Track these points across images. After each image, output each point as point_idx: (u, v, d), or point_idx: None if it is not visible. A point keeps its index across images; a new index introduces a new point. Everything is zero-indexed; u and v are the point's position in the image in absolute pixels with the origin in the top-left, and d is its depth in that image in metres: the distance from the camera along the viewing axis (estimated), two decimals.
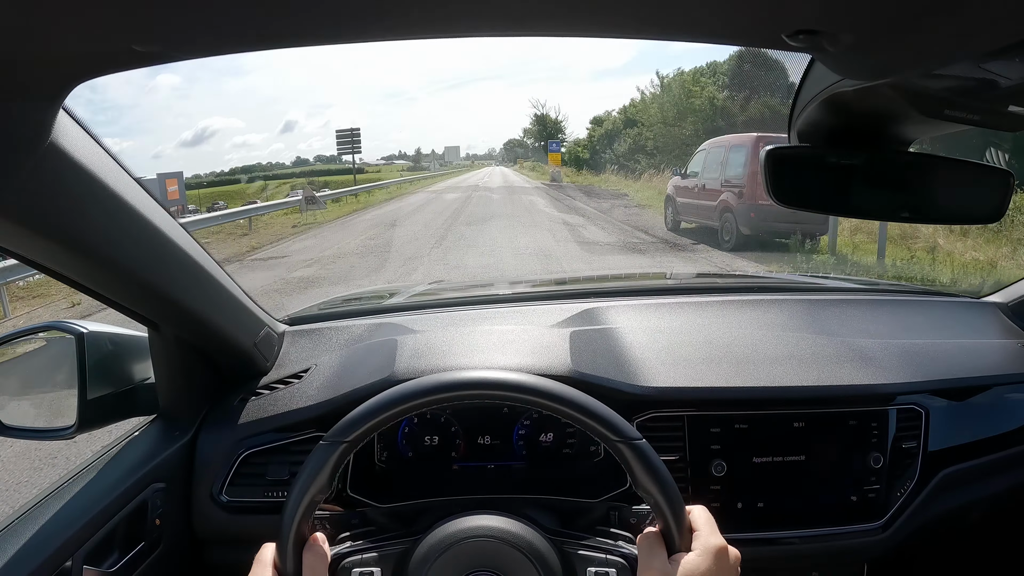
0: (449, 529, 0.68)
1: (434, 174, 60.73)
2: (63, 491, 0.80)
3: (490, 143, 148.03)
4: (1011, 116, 0.61)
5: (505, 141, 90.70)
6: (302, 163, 76.38)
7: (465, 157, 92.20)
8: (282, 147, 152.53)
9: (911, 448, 0.96)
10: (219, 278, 0.89)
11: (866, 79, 0.52)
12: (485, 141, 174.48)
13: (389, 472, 0.99)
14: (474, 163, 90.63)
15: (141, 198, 0.69)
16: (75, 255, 0.64)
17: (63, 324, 0.92)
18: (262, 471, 0.93)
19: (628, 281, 1.70)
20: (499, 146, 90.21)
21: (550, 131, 48.89)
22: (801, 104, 0.65)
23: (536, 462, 1.00)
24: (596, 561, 0.66)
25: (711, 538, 0.61)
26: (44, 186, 0.54)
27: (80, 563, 0.74)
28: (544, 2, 0.38)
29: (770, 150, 0.66)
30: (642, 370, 0.96)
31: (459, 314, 1.23)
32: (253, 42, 0.42)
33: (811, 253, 7.90)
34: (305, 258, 9.14)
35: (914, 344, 1.08)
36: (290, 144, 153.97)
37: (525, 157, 63.66)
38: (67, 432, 0.89)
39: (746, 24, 0.42)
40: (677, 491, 0.63)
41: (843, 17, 0.40)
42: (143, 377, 0.98)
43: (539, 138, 51.14)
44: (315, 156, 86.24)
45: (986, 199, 0.75)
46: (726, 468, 0.92)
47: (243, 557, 0.93)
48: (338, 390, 0.95)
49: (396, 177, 45.84)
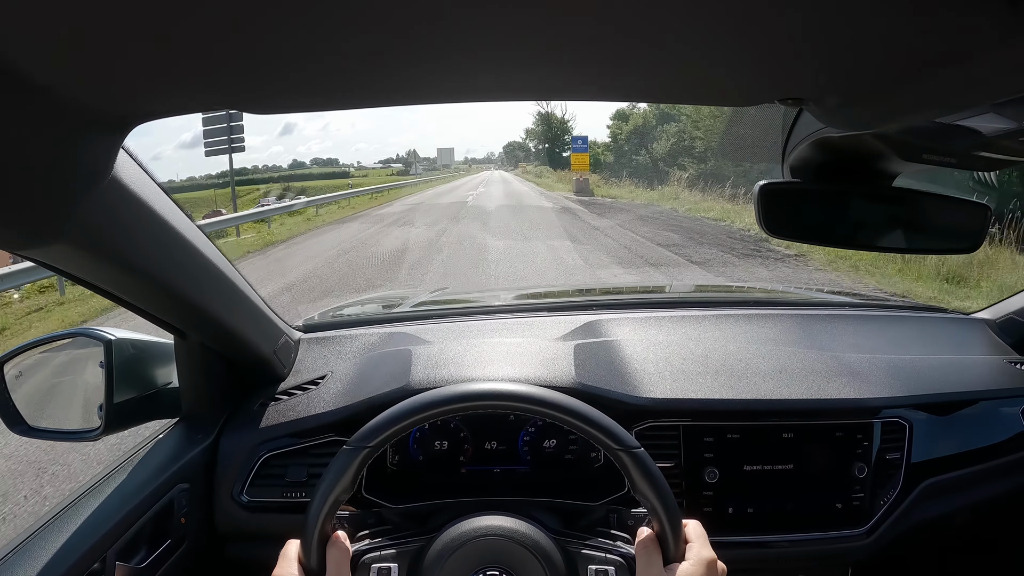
0: (461, 528, 0.72)
1: (421, 179, 48.92)
2: (96, 491, 0.84)
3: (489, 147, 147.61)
4: (984, 159, 0.66)
5: (504, 144, 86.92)
6: (298, 166, 72.79)
7: (463, 161, 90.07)
8: (281, 150, 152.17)
9: (895, 459, 1.01)
10: (244, 290, 0.94)
11: (850, 130, 0.57)
12: (484, 145, 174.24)
13: (401, 475, 1.04)
14: (471, 167, 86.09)
15: (183, 222, 0.74)
16: (124, 275, 0.69)
17: (92, 331, 0.96)
18: (281, 473, 0.98)
19: (630, 294, 1.75)
20: (498, 150, 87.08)
21: (556, 131, 43.14)
22: (793, 143, 0.71)
23: (540, 467, 1.04)
24: (596, 560, 0.71)
25: (703, 551, 0.67)
26: (103, 217, 0.59)
27: (113, 560, 0.78)
28: (554, 75, 0.43)
29: (762, 185, 0.71)
30: (642, 382, 1.01)
31: (468, 325, 1.27)
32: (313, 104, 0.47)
33: None
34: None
35: (901, 359, 1.13)
36: (289, 147, 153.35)
37: (527, 160, 56.87)
38: (93, 434, 0.93)
39: (737, 91, 0.47)
40: (672, 497, 0.68)
41: (827, 86, 0.45)
42: (166, 381, 1.02)
43: (543, 139, 45.03)
44: (312, 159, 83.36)
45: (965, 230, 0.81)
46: (718, 475, 0.98)
47: (262, 553, 0.98)
48: (355, 397, 1.00)
49: (386, 181, 38.37)
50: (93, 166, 0.54)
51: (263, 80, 0.42)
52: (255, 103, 0.46)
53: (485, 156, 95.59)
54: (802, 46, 0.37)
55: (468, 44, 0.37)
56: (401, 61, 0.40)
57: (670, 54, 0.39)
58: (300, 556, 0.68)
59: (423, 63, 0.40)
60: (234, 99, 0.45)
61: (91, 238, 0.60)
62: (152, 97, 0.45)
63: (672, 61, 0.40)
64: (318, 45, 0.36)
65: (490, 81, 0.43)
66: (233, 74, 0.40)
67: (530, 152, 53.84)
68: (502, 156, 79.92)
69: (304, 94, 0.45)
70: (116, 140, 0.54)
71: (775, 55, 0.39)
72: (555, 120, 43.26)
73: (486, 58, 0.39)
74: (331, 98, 0.46)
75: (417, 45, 0.37)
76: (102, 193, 0.57)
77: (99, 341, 0.95)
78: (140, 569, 0.83)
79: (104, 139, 0.52)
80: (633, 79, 0.43)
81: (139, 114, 0.49)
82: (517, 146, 67.26)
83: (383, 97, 0.46)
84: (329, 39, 0.35)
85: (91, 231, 0.59)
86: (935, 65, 0.38)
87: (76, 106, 0.44)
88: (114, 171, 0.57)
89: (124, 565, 0.80)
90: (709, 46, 0.37)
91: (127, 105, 0.47)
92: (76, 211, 0.55)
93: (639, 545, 0.68)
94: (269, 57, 0.38)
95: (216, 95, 0.44)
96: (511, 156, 72.41)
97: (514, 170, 61.64)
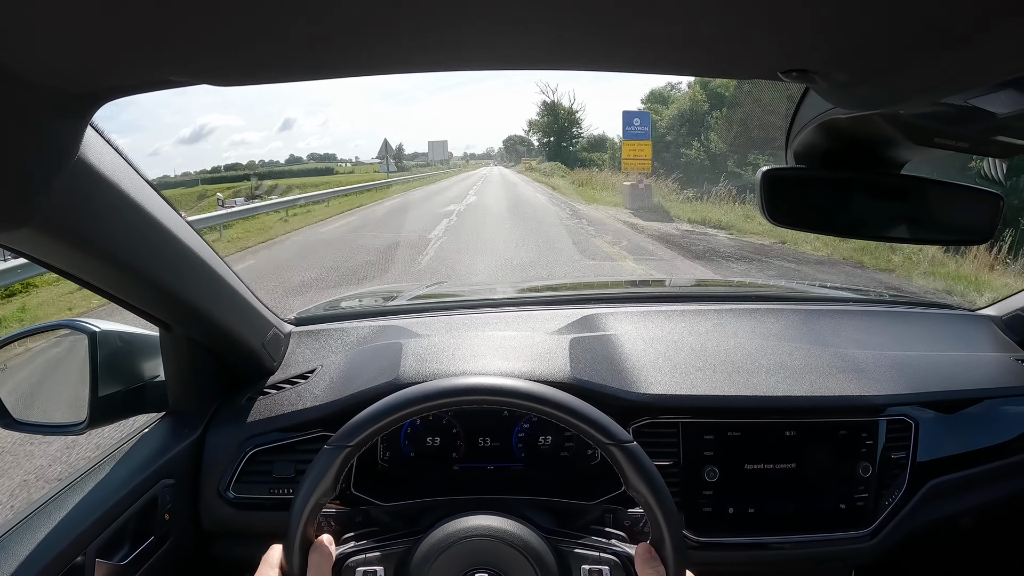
0: (449, 529, 0.70)
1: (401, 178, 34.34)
2: (77, 486, 0.82)
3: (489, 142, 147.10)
4: (999, 144, 0.63)
5: (505, 138, 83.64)
6: (295, 161, 69.63)
7: (461, 156, 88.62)
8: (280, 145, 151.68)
9: (900, 458, 0.98)
10: (230, 281, 0.91)
11: (858, 110, 0.54)
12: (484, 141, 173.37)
13: (391, 472, 1.01)
14: (468, 162, 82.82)
15: (160, 207, 0.71)
16: (99, 262, 0.67)
17: (76, 323, 0.94)
18: (268, 469, 0.96)
19: (628, 288, 1.72)
20: (498, 145, 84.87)
21: (563, 123, 36.89)
22: (797, 127, 0.68)
23: (534, 464, 1.02)
24: (590, 559, 0.68)
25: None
26: (74, 200, 0.57)
27: (93, 556, 0.76)
28: (552, 41, 0.40)
29: (766, 171, 0.69)
30: (639, 377, 0.99)
31: (461, 318, 1.25)
32: (284, 75, 0.44)
33: None
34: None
35: (906, 356, 1.10)
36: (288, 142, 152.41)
37: (530, 155, 50.61)
38: (78, 428, 0.92)
39: (742, 61, 0.44)
40: (668, 493, 0.65)
41: (833, 58, 0.42)
42: (153, 375, 1.00)
43: (548, 132, 38.23)
44: (308, 154, 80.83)
45: (977, 220, 0.78)
46: (718, 474, 0.95)
47: (248, 551, 0.96)
48: (344, 391, 0.98)
49: (374, 179, 30.81)
50: (60, 147, 0.51)
51: (231, 49, 0.39)
52: (224, 74, 0.44)
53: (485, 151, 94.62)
54: (809, 10, 0.34)
55: (456, 6, 0.34)
56: (381, 28, 0.37)
57: (668, 19, 0.36)
58: (282, 562, 0.66)
59: (405, 31, 0.37)
60: (200, 70, 0.42)
61: (61, 222, 0.57)
62: (113, 71, 0.42)
63: (670, 27, 0.37)
64: (286, 8, 0.34)
65: (478, 47, 0.41)
66: (193, 39, 0.37)
67: (532, 147, 48.19)
68: (502, 152, 77.41)
69: (275, 63, 0.42)
70: (83, 119, 0.51)
71: (780, 20, 0.36)
72: (562, 111, 36.34)
73: (474, 23, 0.37)
74: (303, 66, 0.44)
75: (400, 8, 0.34)
76: (71, 175, 0.55)
77: (84, 333, 0.93)
78: (122, 566, 0.81)
79: (70, 118, 0.50)
80: (628, 47, 0.40)
81: (103, 90, 0.46)
82: (518, 140, 63.06)
83: (360, 66, 0.43)
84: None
85: (61, 215, 0.56)
86: (954, 37, 0.35)
87: (37, 84, 0.42)
88: (84, 152, 0.55)
89: (105, 562, 0.78)
90: (710, 10, 0.34)
91: (88, 81, 0.44)
92: (44, 194, 0.52)
93: (639, 562, 0.66)
94: (235, 23, 0.35)
95: (180, 67, 0.41)
96: (512, 151, 69.37)
97: (515, 166, 51.44)
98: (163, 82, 0.44)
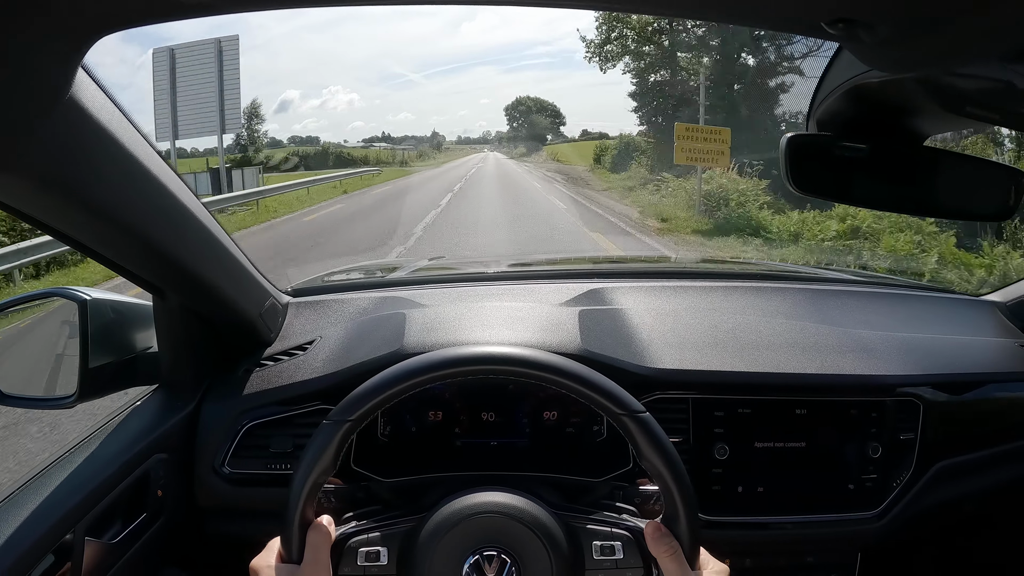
0: (456, 506, 0.68)
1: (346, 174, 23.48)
2: (65, 462, 0.79)
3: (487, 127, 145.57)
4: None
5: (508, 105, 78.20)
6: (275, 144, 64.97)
7: (457, 140, 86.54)
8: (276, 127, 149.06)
9: (909, 439, 0.98)
10: (227, 245, 0.88)
11: (894, 72, 0.52)
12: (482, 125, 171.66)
13: (392, 446, 0.99)
14: (461, 147, 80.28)
15: (155, 161, 0.67)
16: (88, 216, 0.63)
17: (66, 291, 0.91)
18: (265, 443, 0.93)
19: (633, 264, 1.70)
20: (494, 130, 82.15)
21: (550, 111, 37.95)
22: (824, 92, 0.65)
23: (539, 440, 1.00)
24: (601, 535, 0.67)
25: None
26: (60, 146, 0.53)
27: (82, 534, 0.73)
28: None
29: (790, 137, 0.66)
30: (649, 351, 0.97)
31: (467, 290, 1.22)
32: None
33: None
34: None
35: (913, 337, 1.09)
36: (284, 125, 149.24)
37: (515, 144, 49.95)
38: (67, 401, 0.88)
39: (787, 8, 0.41)
40: (681, 463, 0.63)
41: (882, 7, 0.39)
42: (145, 346, 0.97)
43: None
44: (288, 137, 75.89)
45: (996, 197, 0.76)
46: (728, 452, 0.94)
47: (245, 528, 0.94)
48: (344, 363, 0.95)
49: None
50: (48, 87, 0.47)
51: None
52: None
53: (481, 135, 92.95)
54: None
55: None
56: None
57: None
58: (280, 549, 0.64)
59: None
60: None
61: (46, 171, 0.53)
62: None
63: None
64: None
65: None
66: None
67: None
68: (499, 136, 74.54)
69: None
70: (74, 57, 0.47)
71: None
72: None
73: None
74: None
75: None
76: (59, 120, 0.51)
77: (74, 301, 0.90)
78: (112, 545, 0.78)
79: (60, 53, 0.46)
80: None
81: (99, 18, 0.43)
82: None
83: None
84: None
85: (46, 162, 0.53)
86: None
87: (23, 10, 0.38)
88: (74, 95, 0.51)
89: (95, 540, 0.75)
90: None
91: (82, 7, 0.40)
92: (27, 139, 0.48)
93: (650, 541, 0.64)
94: None
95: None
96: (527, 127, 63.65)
97: (525, 156, 41.12)
98: (159, 6, 0.40)
